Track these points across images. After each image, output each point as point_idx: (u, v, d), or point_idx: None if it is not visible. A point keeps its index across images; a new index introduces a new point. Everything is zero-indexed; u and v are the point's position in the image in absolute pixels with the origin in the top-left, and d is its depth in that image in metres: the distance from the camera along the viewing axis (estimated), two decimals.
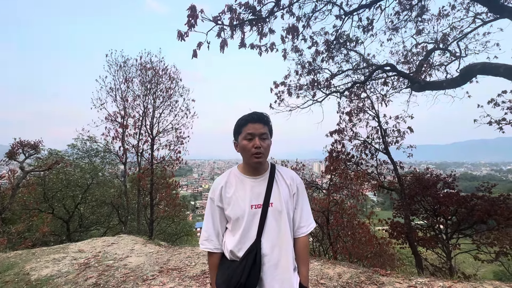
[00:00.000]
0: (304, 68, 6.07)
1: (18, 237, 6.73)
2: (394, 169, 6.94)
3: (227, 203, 1.21)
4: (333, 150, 7.30)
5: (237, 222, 1.19)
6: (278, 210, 1.19)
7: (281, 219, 1.19)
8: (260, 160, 1.18)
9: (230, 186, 1.24)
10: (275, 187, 1.23)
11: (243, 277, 1.10)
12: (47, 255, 4.10)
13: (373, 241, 8.11)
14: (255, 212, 1.18)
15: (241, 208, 1.18)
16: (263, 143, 1.18)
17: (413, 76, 5.13)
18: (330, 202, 8.70)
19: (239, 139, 1.21)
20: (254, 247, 1.14)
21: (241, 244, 1.17)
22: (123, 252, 4.23)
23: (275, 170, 1.29)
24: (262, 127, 1.19)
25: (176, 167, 10.16)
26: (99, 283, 3.12)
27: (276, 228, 1.18)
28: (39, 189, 9.92)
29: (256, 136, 1.17)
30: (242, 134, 1.19)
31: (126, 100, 9.46)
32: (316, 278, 3.16)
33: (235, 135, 1.25)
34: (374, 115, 7.01)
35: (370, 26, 4.45)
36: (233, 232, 1.21)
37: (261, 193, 1.20)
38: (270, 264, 1.15)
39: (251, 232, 1.17)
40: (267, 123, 1.22)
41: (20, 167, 7.66)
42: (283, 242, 1.18)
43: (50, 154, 10.97)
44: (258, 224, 1.16)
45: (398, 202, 8.01)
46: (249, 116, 1.20)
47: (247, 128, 1.18)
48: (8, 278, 3.25)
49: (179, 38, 2.98)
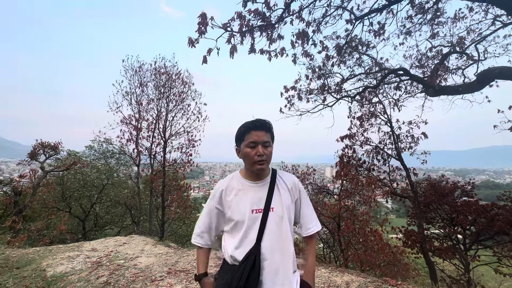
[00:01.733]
0: (315, 72, 6.05)
1: (37, 234, 7.05)
2: (407, 175, 6.73)
3: (228, 207, 1.23)
4: (344, 155, 7.18)
5: (237, 226, 1.20)
6: (279, 215, 1.20)
7: (282, 224, 1.20)
8: (263, 167, 1.21)
9: (231, 190, 1.26)
10: (276, 192, 1.24)
11: (242, 281, 1.11)
12: (63, 252, 4.26)
13: (385, 249, 7.86)
14: (256, 217, 1.19)
15: (241, 212, 1.20)
16: (265, 151, 1.20)
17: (427, 81, 4.98)
18: (341, 208, 8.54)
19: (242, 146, 1.22)
20: (254, 251, 1.15)
21: (241, 248, 1.18)
22: (133, 252, 4.34)
23: (276, 175, 1.30)
24: (264, 135, 1.20)
25: (188, 169, 10.32)
26: (110, 281, 3.21)
27: (277, 232, 1.19)
28: (58, 188, 10.37)
29: (259, 144, 1.18)
30: (245, 142, 1.21)
31: (141, 103, 9.75)
32: (323, 286, 3.10)
33: (237, 141, 1.27)
34: (387, 120, 6.85)
35: (381, 31, 4.39)
36: (233, 236, 1.23)
37: (262, 198, 1.22)
38: (270, 268, 1.16)
39: (250, 236, 1.18)
40: (269, 130, 1.24)
41: (40, 167, 8.05)
42: (284, 246, 1.19)
43: (68, 155, 11.46)
44: (258, 229, 1.17)
45: (413, 209, 7.75)
46: (252, 124, 1.21)
47: (250, 136, 1.19)
48: (26, 274, 3.41)
49: (190, 45, 3.07)
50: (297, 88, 6.32)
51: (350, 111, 7.23)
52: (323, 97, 6.21)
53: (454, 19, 5.37)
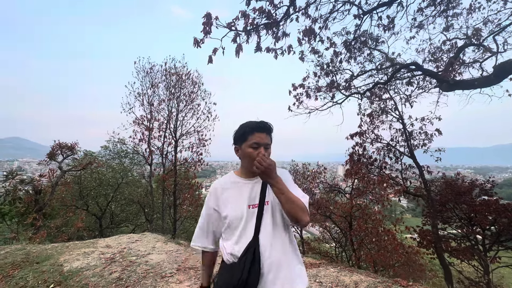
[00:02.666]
0: (323, 69, 5.95)
1: (56, 231, 7.39)
2: (420, 173, 6.51)
3: (224, 206, 1.26)
4: (354, 153, 7.04)
5: (235, 223, 1.23)
6: (273, 206, 1.24)
7: (277, 216, 1.24)
8: None
9: (226, 189, 1.30)
10: (270, 186, 1.26)
11: (244, 273, 1.13)
12: (79, 248, 4.44)
13: (399, 249, 7.67)
14: (252, 212, 1.23)
15: (238, 209, 1.23)
16: (265, 153, 1.24)
17: (441, 75, 4.79)
18: (353, 207, 8.40)
19: (243, 146, 1.26)
20: (252, 244, 1.18)
21: (240, 244, 1.20)
22: (145, 249, 4.45)
23: None
24: (266, 137, 1.25)
25: (198, 168, 10.47)
26: (122, 277, 3.32)
27: (273, 224, 1.22)
28: (75, 187, 10.80)
29: (262, 146, 1.23)
30: (247, 142, 1.24)
31: (152, 104, 9.97)
32: (331, 285, 3.07)
33: (237, 140, 1.29)
34: (398, 116, 6.65)
35: (391, 25, 4.26)
36: (232, 233, 1.25)
37: (257, 193, 1.25)
38: (271, 260, 1.17)
39: (248, 231, 1.21)
40: (270, 133, 1.29)
41: (59, 167, 8.42)
42: (282, 237, 1.22)
43: (85, 155, 11.90)
44: (255, 223, 1.20)
45: (427, 208, 7.51)
46: (256, 126, 1.25)
47: (254, 137, 1.23)
48: (44, 268, 3.58)
49: (195, 45, 3.10)
50: (305, 85, 6.25)
51: (359, 108, 7.10)
52: (332, 94, 6.11)
53: (470, 9, 5.13)
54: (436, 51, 5.63)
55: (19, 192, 7.75)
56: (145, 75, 9.99)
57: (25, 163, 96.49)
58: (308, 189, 10.09)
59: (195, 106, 10.05)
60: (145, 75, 9.99)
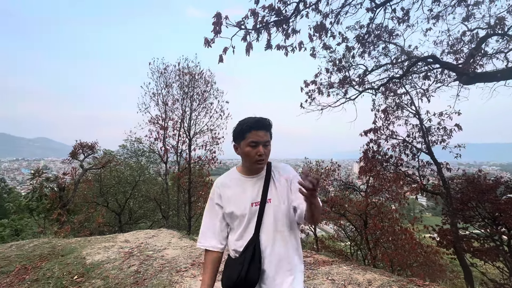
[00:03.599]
0: (335, 65, 5.84)
1: (79, 226, 7.79)
2: (438, 170, 6.24)
3: (227, 202, 1.25)
4: (368, 150, 6.87)
5: (238, 220, 1.23)
6: (275, 204, 1.22)
7: (280, 213, 1.21)
8: (263, 165, 1.24)
9: (229, 186, 1.28)
10: (272, 183, 1.26)
11: (243, 271, 1.14)
12: (100, 243, 4.66)
13: (417, 248, 7.45)
14: (255, 209, 1.21)
15: (241, 206, 1.22)
16: (265, 150, 1.21)
17: (461, 68, 4.57)
18: (369, 205, 8.23)
19: (242, 144, 1.22)
20: (252, 241, 1.18)
21: (242, 241, 1.21)
22: (161, 245, 4.61)
23: (271, 168, 1.31)
24: (265, 135, 1.21)
25: (212, 166, 10.65)
26: (140, 270, 3.46)
27: (273, 222, 1.20)
28: (96, 184, 11.31)
29: (260, 144, 1.19)
30: (245, 141, 1.20)
31: (166, 104, 10.23)
32: (344, 283, 3.05)
33: (236, 139, 1.26)
34: (414, 112, 6.40)
35: (406, 17, 4.11)
36: (235, 230, 1.25)
37: (259, 190, 1.24)
38: (272, 258, 1.17)
39: (249, 228, 1.21)
40: (269, 129, 1.24)
41: (80, 165, 8.85)
42: (284, 235, 1.20)
43: (104, 154, 12.41)
44: (256, 220, 1.20)
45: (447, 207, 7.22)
46: (254, 124, 1.20)
47: (251, 136, 1.19)
48: (69, 261, 3.80)
49: (206, 45, 3.16)
50: (317, 82, 6.16)
51: (374, 104, 6.92)
52: (345, 90, 5.99)
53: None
54: (455, 42, 5.37)
55: (45, 189, 8.23)
56: (159, 76, 10.27)
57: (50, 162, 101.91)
58: (321, 187, 9.99)
59: (208, 105, 10.22)
60: (160, 75, 10.27)
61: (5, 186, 14.87)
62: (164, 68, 10.23)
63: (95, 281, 3.12)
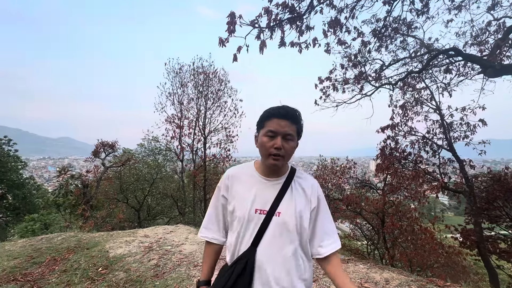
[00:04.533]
0: (351, 60, 5.72)
1: (102, 221, 8.18)
2: (460, 168, 5.96)
3: (232, 197, 1.09)
4: (386, 147, 6.69)
5: (236, 222, 1.06)
6: (284, 221, 1.00)
7: (288, 233, 1.00)
8: (277, 163, 1.01)
9: (239, 180, 1.11)
10: (289, 195, 1.04)
11: (230, 282, 0.98)
12: (121, 237, 4.88)
13: (437, 249, 7.18)
14: (258, 218, 1.02)
15: (244, 208, 1.04)
16: (285, 144, 0.99)
17: (486, 60, 4.33)
18: (386, 203, 8.02)
19: (260, 134, 1.04)
20: (247, 255, 1.00)
21: (236, 248, 1.05)
22: (179, 240, 4.75)
23: (294, 176, 1.10)
24: (288, 126, 0.99)
25: (227, 164, 10.79)
26: (159, 264, 3.60)
27: (280, 241, 1.00)
28: (116, 182, 11.79)
29: (279, 135, 0.98)
30: (264, 129, 1.02)
31: (182, 103, 10.45)
32: (360, 282, 3.02)
33: (257, 128, 1.08)
34: (435, 107, 6.14)
35: (425, 9, 3.94)
36: (232, 232, 1.09)
37: (270, 198, 1.04)
38: (265, 280, 0.98)
39: (246, 238, 1.02)
40: (296, 121, 1.02)
41: (102, 163, 9.27)
42: (287, 260, 0.99)
43: (124, 152, 12.90)
44: (257, 232, 1.00)
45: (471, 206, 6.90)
46: (276, 110, 1.01)
47: (271, 124, 1.00)
48: (93, 254, 4.01)
49: (221, 44, 3.21)
50: (332, 78, 6.07)
51: (391, 100, 6.70)
52: (360, 86, 5.84)
53: None
54: (479, 33, 5.08)
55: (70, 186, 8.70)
56: (175, 76, 10.50)
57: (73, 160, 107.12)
58: (337, 185, 9.85)
59: (222, 104, 10.35)
60: (175, 75, 10.50)
61: (34, 183, 15.86)
62: (179, 68, 10.45)
63: (118, 273, 3.28)
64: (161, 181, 13.14)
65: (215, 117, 10.41)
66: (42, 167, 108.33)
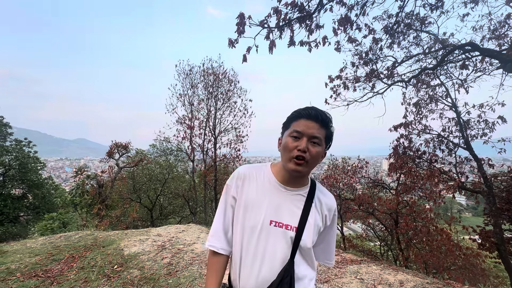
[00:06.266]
0: (362, 58, 5.62)
1: (116, 220, 8.41)
2: (478, 167, 5.74)
3: (242, 200, 0.98)
4: (399, 145, 6.53)
5: (242, 230, 0.96)
6: (306, 241, 0.92)
7: (309, 254, 0.96)
8: (299, 168, 0.89)
9: (253, 183, 0.98)
10: (313, 213, 0.95)
11: None
12: (135, 236, 5.00)
13: (454, 251, 6.95)
14: (275, 232, 0.91)
15: (257, 218, 0.93)
16: (311, 148, 0.88)
17: (506, 54, 4.15)
18: (399, 203, 7.85)
19: (284, 135, 0.95)
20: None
21: (240, 263, 0.95)
22: (191, 239, 4.82)
23: (316, 190, 0.99)
24: (317, 128, 0.89)
25: (237, 164, 10.85)
26: (172, 262, 3.67)
27: (304, 263, 0.95)
28: (130, 182, 12.10)
29: (305, 137, 0.88)
30: (289, 130, 0.92)
31: (192, 104, 10.59)
32: (373, 283, 2.97)
33: (282, 129, 0.99)
34: (451, 104, 5.93)
35: (439, 3, 3.81)
36: (234, 244, 0.99)
37: (287, 211, 0.94)
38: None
39: (251, 250, 0.92)
40: (326, 126, 0.91)
41: (116, 164, 9.52)
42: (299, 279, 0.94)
43: (137, 153, 13.21)
44: (291, 250, 0.91)
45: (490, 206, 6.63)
46: (305, 111, 0.91)
47: (297, 124, 0.90)
48: (109, 252, 4.13)
49: (230, 45, 3.23)
50: (342, 77, 5.98)
51: (404, 97, 6.53)
52: (372, 84, 5.73)
53: None
54: (498, 27, 4.87)
55: (86, 186, 9.00)
56: (185, 77, 10.65)
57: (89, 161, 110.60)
58: (348, 184, 9.72)
59: (232, 104, 10.41)
60: (185, 76, 10.65)
61: (52, 183, 16.52)
62: (190, 70, 10.59)
63: (132, 271, 3.36)
64: (172, 181, 13.38)
65: (225, 118, 10.51)
66: (59, 167, 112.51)
